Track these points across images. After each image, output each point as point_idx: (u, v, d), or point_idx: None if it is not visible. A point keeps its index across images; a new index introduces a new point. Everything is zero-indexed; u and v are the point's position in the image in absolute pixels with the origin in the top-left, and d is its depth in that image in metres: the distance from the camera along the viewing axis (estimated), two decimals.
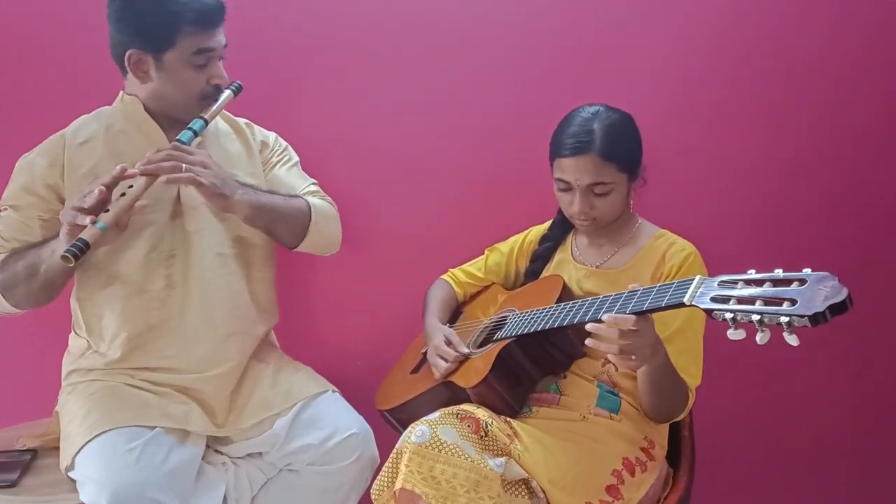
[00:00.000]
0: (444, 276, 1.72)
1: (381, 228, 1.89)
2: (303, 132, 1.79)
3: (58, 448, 1.46)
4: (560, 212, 1.59)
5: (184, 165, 1.38)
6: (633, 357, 1.16)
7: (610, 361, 1.39)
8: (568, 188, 1.43)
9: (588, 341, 1.18)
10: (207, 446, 1.50)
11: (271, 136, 1.72)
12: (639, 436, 1.36)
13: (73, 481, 1.39)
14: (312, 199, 1.63)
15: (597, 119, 1.40)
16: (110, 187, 1.34)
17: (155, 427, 1.39)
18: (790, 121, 1.80)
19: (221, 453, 1.52)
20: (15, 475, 1.46)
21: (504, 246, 1.68)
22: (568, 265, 1.54)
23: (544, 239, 1.61)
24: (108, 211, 1.31)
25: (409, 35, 1.85)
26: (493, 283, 1.68)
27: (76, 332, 1.56)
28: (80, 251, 1.25)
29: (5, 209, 1.49)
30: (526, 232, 1.67)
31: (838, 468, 1.91)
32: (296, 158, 1.73)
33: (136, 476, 1.30)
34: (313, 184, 1.70)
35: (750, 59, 1.79)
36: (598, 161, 1.37)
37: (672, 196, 1.75)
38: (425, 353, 1.61)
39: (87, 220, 1.28)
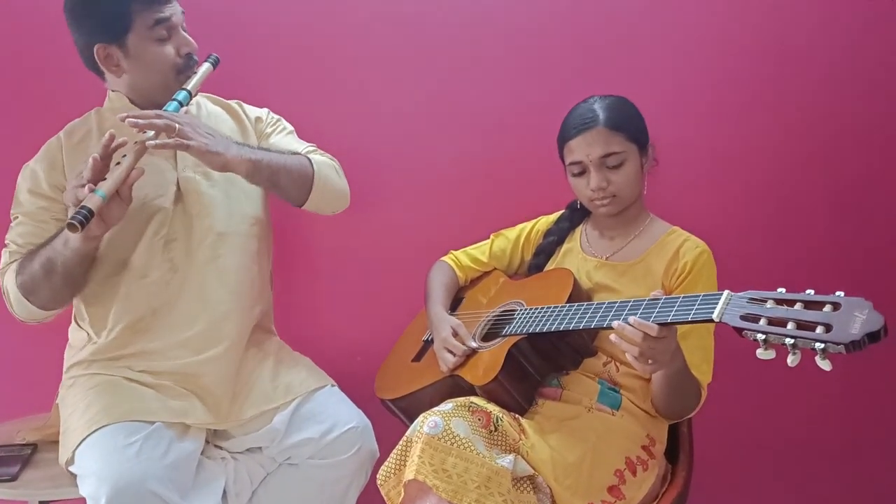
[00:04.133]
0: (446, 259, 1.69)
1: (382, 221, 1.89)
2: (306, 125, 1.78)
3: (58, 442, 1.46)
4: (569, 206, 1.60)
5: (177, 125, 1.36)
6: (651, 362, 1.17)
7: (612, 361, 1.40)
8: (582, 170, 1.43)
9: (612, 337, 1.18)
10: (207, 441, 1.50)
11: (264, 110, 1.72)
12: (641, 433, 1.36)
13: (73, 475, 1.39)
14: (313, 156, 1.62)
15: (595, 101, 1.45)
16: (103, 157, 1.34)
17: (155, 421, 1.39)
18: (791, 119, 1.80)
19: (221, 448, 1.53)
20: (15, 469, 1.46)
21: (511, 232, 1.66)
22: (576, 256, 1.53)
23: (548, 233, 1.60)
24: (105, 180, 1.32)
25: (413, 24, 1.85)
26: (495, 269, 1.67)
27: (77, 324, 1.56)
28: (85, 218, 1.25)
29: (16, 217, 1.50)
30: (534, 221, 1.65)
31: (835, 466, 1.93)
32: (290, 128, 1.73)
33: (136, 470, 1.30)
34: (311, 146, 1.68)
35: (752, 55, 1.79)
36: (606, 132, 1.39)
37: (671, 193, 1.75)
38: (426, 340, 1.60)
39: (86, 190, 1.28)
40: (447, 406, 1.25)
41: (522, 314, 1.41)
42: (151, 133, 1.36)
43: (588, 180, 1.42)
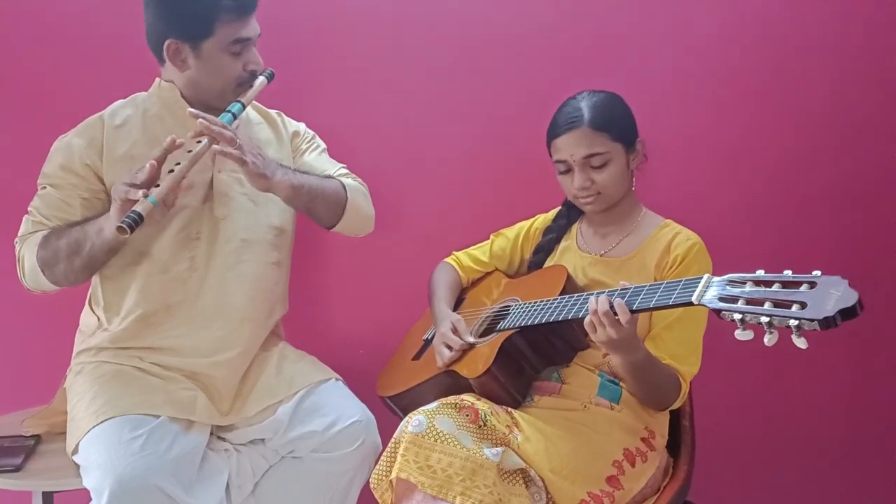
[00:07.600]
0: (448, 260, 1.71)
1: (386, 218, 1.89)
2: (308, 121, 1.79)
3: (62, 434, 1.47)
4: (565, 203, 1.61)
5: (237, 141, 1.40)
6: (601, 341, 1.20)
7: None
8: (567, 169, 1.44)
9: (590, 331, 1.20)
10: (210, 433, 1.50)
11: (301, 125, 1.75)
12: (639, 426, 1.37)
13: (77, 465, 1.39)
14: (345, 180, 1.65)
15: (583, 98, 1.45)
16: (160, 161, 1.36)
17: (160, 415, 1.40)
18: (792, 113, 1.80)
19: (224, 440, 1.53)
20: (19, 460, 1.46)
21: (510, 231, 1.67)
22: (572, 253, 1.54)
23: (547, 231, 1.61)
24: (158, 186, 1.34)
25: (416, 22, 1.86)
26: (496, 269, 1.67)
27: (91, 308, 1.57)
28: (135, 222, 1.27)
29: (44, 187, 1.50)
30: (532, 219, 1.66)
31: (836, 460, 1.93)
32: (323, 145, 1.75)
33: (140, 464, 1.30)
34: (342, 167, 1.71)
35: (753, 50, 1.79)
36: (590, 132, 1.40)
37: (674, 187, 1.75)
38: (427, 339, 1.61)
39: (140, 193, 1.30)
40: (432, 405, 1.27)
41: (517, 309, 1.42)
42: (205, 140, 1.39)
43: (573, 179, 1.43)
